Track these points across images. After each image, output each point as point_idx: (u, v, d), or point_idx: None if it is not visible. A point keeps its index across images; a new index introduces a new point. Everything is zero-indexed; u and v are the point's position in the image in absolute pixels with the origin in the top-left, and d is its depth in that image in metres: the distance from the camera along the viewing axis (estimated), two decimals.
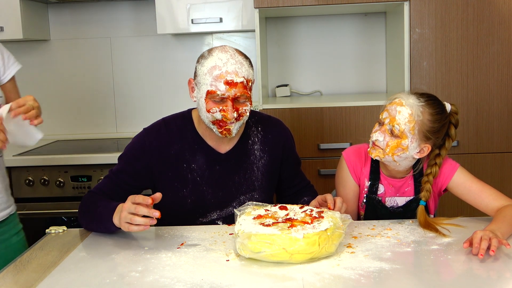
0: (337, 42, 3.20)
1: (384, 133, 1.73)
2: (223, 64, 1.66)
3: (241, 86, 1.66)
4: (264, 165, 1.87)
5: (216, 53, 1.69)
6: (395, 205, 1.86)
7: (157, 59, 3.29)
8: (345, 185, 1.89)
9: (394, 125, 1.70)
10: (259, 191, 1.86)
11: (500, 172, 2.67)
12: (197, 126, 1.83)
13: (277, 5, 2.66)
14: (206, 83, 1.67)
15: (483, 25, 2.63)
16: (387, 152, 1.72)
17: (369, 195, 1.86)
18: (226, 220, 1.83)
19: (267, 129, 1.89)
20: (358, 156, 1.89)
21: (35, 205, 2.75)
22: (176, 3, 2.89)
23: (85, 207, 1.76)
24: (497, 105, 2.66)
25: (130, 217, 1.51)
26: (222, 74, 1.64)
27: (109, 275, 1.38)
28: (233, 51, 1.71)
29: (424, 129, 1.71)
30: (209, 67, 1.67)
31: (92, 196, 1.77)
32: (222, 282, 1.30)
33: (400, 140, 1.70)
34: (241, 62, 1.68)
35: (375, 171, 1.86)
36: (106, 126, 3.35)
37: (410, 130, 1.70)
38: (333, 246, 1.43)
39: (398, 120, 1.70)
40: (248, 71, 1.70)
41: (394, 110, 1.71)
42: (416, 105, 1.71)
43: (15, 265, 1.48)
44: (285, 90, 3.17)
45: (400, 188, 1.86)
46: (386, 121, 1.73)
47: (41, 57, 3.31)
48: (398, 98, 1.74)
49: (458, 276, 1.35)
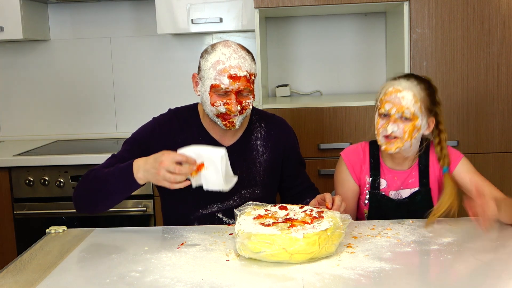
0: (337, 42, 3.20)
1: (396, 122, 1.77)
2: (226, 58, 1.70)
3: (244, 80, 1.71)
4: (266, 161, 1.89)
5: (220, 48, 1.73)
6: (400, 197, 1.88)
7: (157, 59, 3.29)
8: (344, 185, 1.91)
9: (404, 111, 1.75)
10: (260, 187, 1.88)
11: (500, 172, 2.67)
12: (202, 119, 1.87)
13: (277, 5, 2.66)
14: (210, 77, 1.71)
15: (483, 25, 2.63)
16: (406, 138, 1.77)
17: (372, 191, 1.87)
18: (226, 213, 1.85)
19: (270, 126, 1.92)
20: (357, 154, 1.91)
21: (35, 205, 2.75)
22: (176, 3, 2.89)
23: (86, 181, 1.73)
24: (497, 105, 2.66)
25: (171, 177, 1.54)
26: (226, 69, 1.69)
27: (109, 275, 1.38)
28: (235, 45, 1.75)
29: (426, 105, 1.78)
30: (213, 62, 1.71)
31: (93, 171, 1.75)
32: (222, 282, 1.30)
33: (414, 122, 1.76)
34: (244, 57, 1.73)
35: (375, 167, 1.88)
36: (106, 126, 3.35)
37: (419, 110, 1.76)
38: (333, 246, 1.43)
39: (405, 105, 1.75)
40: (251, 65, 1.75)
41: (397, 98, 1.76)
42: (412, 85, 1.78)
43: (15, 265, 1.48)
44: (285, 90, 3.17)
45: (405, 180, 1.87)
46: (392, 111, 1.77)
47: (41, 57, 3.31)
48: (392, 87, 1.79)
49: (458, 276, 1.35)
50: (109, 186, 1.68)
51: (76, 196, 1.76)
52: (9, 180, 2.74)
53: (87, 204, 1.75)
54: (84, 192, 1.74)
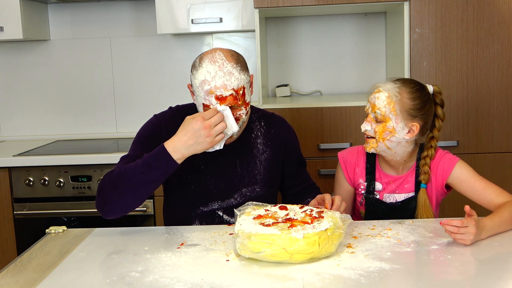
0: (337, 42, 3.20)
1: (370, 122, 1.79)
2: (211, 78, 1.68)
3: (231, 98, 1.69)
4: (267, 159, 1.90)
5: (206, 64, 1.70)
6: (394, 201, 1.88)
7: (157, 59, 3.29)
8: (340, 185, 1.95)
9: (376, 111, 1.77)
10: (260, 185, 1.88)
11: (500, 172, 2.67)
12: None
13: (277, 5, 2.66)
14: (200, 95, 1.71)
15: (483, 25, 2.63)
16: (377, 139, 1.78)
17: (367, 195, 1.88)
18: (226, 211, 1.86)
19: (270, 124, 1.93)
20: (351, 156, 1.93)
21: (35, 205, 2.75)
22: (176, 3, 2.89)
23: (109, 184, 1.67)
24: (497, 105, 2.66)
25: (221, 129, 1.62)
26: (212, 90, 1.68)
27: (109, 275, 1.38)
28: (222, 59, 1.70)
29: (406, 108, 1.76)
30: (200, 81, 1.70)
31: (111, 173, 1.70)
32: (222, 282, 1.30)
33: (385, 123, 1.76)
34: (230, 72, 1.69)
35: (371, 172, 1.88)
36: (106, 126, 3.35)
37: (391, 112, 1.75)
38: (333, 246, 1.43)
39: (378, 105, 1.76)
40: (239, 79, 1.70)
41: (374, 98, 1.78)
42: (393, 88, 1.78)
43: (15, 265, 1.48)
44: (285, 90, 3.17)
45: (400, 184, 1.87)
46: (369, 111, 1.80)
47: (41, 57, 3.31)
48: (377, 88, 1.80)
49: (458, 276, 1.35)
50: (143, 176, 1.63)
51: (102, 201, 1.69)
52: (9, 180, 2.74)
53: (117, 204, 1.68)
54: (112, 195, 1.67)
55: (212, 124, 1.60)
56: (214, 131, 1.61)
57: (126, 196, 1.66)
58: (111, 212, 1.70)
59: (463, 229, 1.47)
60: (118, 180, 1.66)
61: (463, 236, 1.48)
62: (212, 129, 1.61)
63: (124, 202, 1.68)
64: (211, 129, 1.60)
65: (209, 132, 1.60)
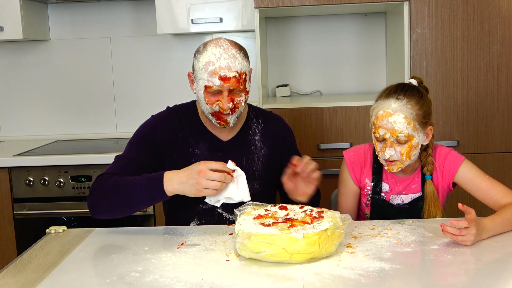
0: (337, 42, 3.20)
1: (393, 146, 1.74)
2: (216, 59, 1.73)
3: (234, 80, 1.73)
4: (264, 156, 1.91)
5: (211, 47, 1.75)
6: (401, 202, 1.87)
7: (157, 59, 3.29)
8: (346, 185, 1.92)
9: (398, 135, 1.72)
10: (259, 181, 1.89)
11: (500, 172, 2.67)
12: (200, 116, 1.91)
13: (277, 5, 2.66)
14: (203, 78, 1.74)
15: (483, 25, 2.63)
16: (404, 159, 1.75)
17: (373, 196, 1.87)
18: (226, 208, 1.85)
19: (268, 122, 1.95)
20: (358, 157, 1.90)
21: (35, 205, 2.75)
22: (176, 3, 2.89)
23: (103, 189, 1.72)
24: (497, 105, 2.66)
25: (215, 184, 1.58)
26: (216, 70, 1.72)
27: (109, 275, 1.38)
28: (226, 44, 1.77)
29: (420, 118, 1.75)
30: (204, 63, 1.74)
31: (107, 178, 1.74)
32: (222, 282, 1.30)
33: (410, 142, 1.74)
34: (234, 56, 1.75)
35: (378, 172, 1.87)
36: (106, 126, 3.35)
37: (413, 130, 1.73)
38: (333, 246, 1.43)
39: (398, 129, 1.72)
40: (242, 64, 1.76)
41: (389, 123, 1.73)
42: (402, 106, 1.73)
43: (15, 265, 1.48)
44: (285, 90, 3.17)
45: (408, 185, 1.87)
46: (387, 136, 1.74)
47: (41, 57, 3.31)
48: (382, 110, 1.74)
49: (458, 276, 1.35)
50: (133, 196, 1.67)
51: (93, 204, 1.74)
52: (9, 180, 2.74)
53: (105, 211, 1.73)
54: (103, 201, 1.71)
55: (207, 175, 1.57)
56: (205, 183, 1.57)
57: (113, 208, 1.71)
58: (99, 215, 1.75)
59: (464, 231, 1.47)
60: (110, 191, 1.70)
61: (464, 237, 1.48)
62: (204, 179, 1.57)
63: (111, 211, 1.72)
64: (203, 178, 1.58)
65: (199, 180, 1.58)
